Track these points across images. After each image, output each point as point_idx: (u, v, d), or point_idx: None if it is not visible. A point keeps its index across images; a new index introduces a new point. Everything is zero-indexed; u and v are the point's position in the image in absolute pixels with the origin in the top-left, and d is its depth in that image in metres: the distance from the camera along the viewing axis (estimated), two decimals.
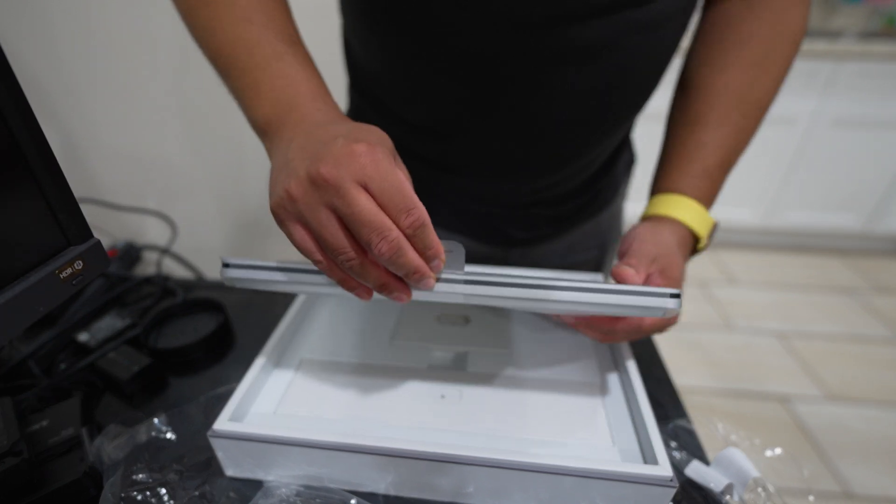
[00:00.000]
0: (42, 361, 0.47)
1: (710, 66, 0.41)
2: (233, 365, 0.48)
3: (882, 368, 1.45)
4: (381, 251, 0.24)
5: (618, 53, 0.37)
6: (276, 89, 0.30)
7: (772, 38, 0.38)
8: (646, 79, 0.41)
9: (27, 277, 0.28)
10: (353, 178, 0.23)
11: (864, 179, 1.90)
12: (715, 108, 0.40)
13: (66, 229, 0.31)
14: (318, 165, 0.24)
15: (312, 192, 0.24)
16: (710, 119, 0.39)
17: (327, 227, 0.24)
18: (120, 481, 0.32)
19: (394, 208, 0.24)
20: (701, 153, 0.39)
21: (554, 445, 0.33)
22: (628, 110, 0.44)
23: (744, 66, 0.39)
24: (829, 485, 1.11)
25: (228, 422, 0.32)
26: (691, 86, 0.42)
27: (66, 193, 0.32)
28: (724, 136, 0.39)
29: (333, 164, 0.23)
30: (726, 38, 0.40)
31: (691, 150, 0.40)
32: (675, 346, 1.55)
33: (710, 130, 0.39)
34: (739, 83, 0.39)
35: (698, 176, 0.39)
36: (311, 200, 0.24)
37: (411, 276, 0.26)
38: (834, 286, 1.86)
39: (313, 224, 0.25)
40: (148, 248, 0.70)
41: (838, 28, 2.14)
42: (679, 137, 0.42)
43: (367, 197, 0.24)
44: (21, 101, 0.27)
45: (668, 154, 0.43)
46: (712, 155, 0.39)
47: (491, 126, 0.41)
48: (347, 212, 0.23)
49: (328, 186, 0.23)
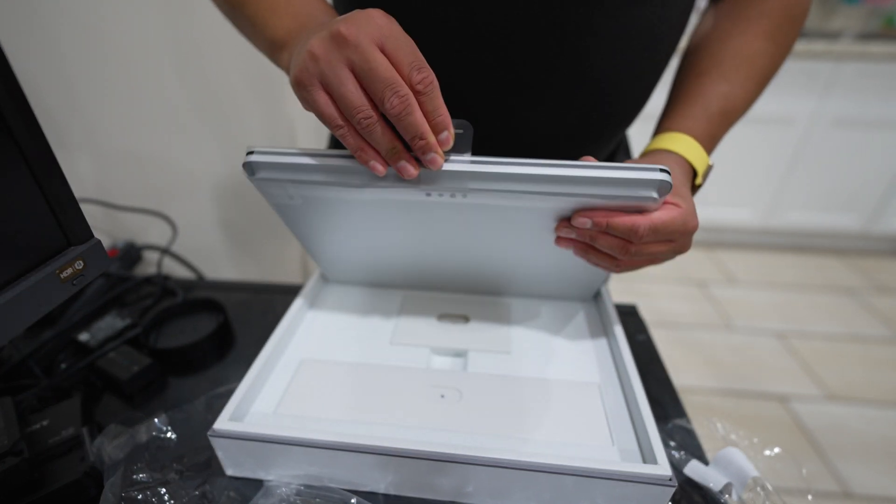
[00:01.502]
0: (42, 361, 0.47)
1: (722, 30, 0.42)
2: (233, 365, 0.48)
3: (881, 368, 1.45)
4: (393, 105, 0.25)
5: (606, 71, 0.38)
6: (295, 5, 0.33)
7: (781, 16, 0.40)
8: (633, 95, 0.42)
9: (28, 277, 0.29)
10: (370, 36, 0.25)
11: (863, 179, 1.90)
12: (720, 64, 0.41)
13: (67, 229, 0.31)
14: (338, 25, 0.25)
15: (333, 49, 0.25)
16: (714, 73, 0.41)
17: (346, 84, 0.26)
18: (120, 481, 0.33)
19: (406, 65, 0.25)
20: (702, 99, 0.40)
21: (553, 445, 0.33)
22: (613, 127, 0.44)
23: (753, 36, 0.40)
24: (828, 484, 1.11)
25: (229, 421, 0.32)
26: (699, 50, 0.43)
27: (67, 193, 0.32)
28: (728, 89, 0.40)
29: (353, 23, 0.25)
30: (737, 14, 0.41)
31: (693, 96, 0.41)
32: (675, 346, 1.55)
33: (715, 83, 0.40)
34: (748, 49, 0.40)
35: (697, 118, 0.40)
36: (332, 58, 0.26)
37: (417, 141, 0.27)
38: (833, 286, 1.87)
39: (333, 82, 0.26)
40: (148, 248, 0.70)
41: (838, 28, 2.14)
42: (682, 86, 0.42)
43: (382, 55, 0.25)
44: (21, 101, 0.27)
45: (670, 101, 0.43)
46: (714, 102, 0.40)
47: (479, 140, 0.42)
48: (365, 67, 0.25)
49: (347, 43, 0.25)
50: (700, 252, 2.10)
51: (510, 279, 0.47)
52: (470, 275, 0.47)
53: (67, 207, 0.32)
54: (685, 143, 0.39)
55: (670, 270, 1.92)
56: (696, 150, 0.39)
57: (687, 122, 0.40)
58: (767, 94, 0.42)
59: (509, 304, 0.49)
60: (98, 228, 0.74)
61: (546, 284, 0.48)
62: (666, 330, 1.62)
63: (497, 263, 0.44)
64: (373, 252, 0.44)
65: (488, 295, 0.51)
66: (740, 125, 0.50)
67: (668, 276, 1.89)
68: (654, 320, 1.62)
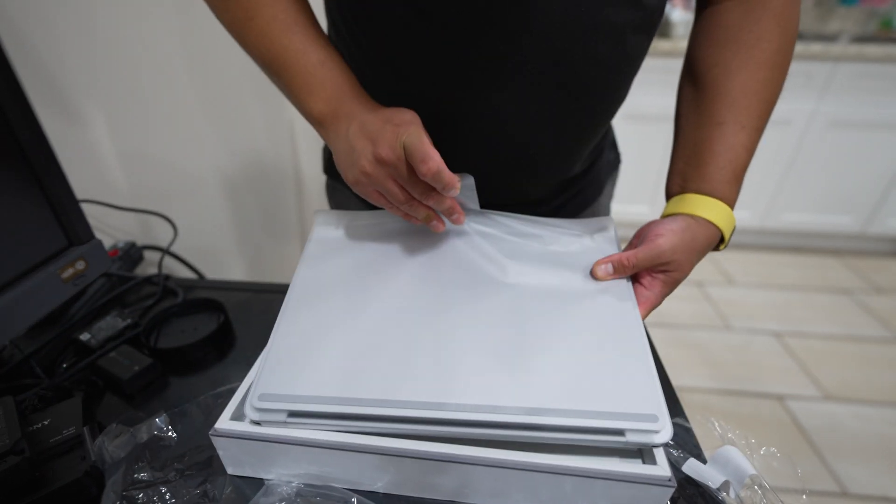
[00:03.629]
0: (44, 361, 0.47)
1: (724, 66, 0.42)
2: (233, 365, 0.48)
3: (878, 368, 1.46)
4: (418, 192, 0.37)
5: (583, 65, 0.39)
6: (328, 89, 0.39)
7: (778, 38, 0.41)
8: (611, 88, 0.43)
9: (29, 277, 0.29)
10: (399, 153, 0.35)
11: (860, 180, 1.91)
12: (735, 110, 0.42)
13: (68, 230, 0.32)
14: (378, 150, 0.35)
15: (379, 169, 0.36)
16: (733, 122, 0.42)
17: (392, 191, 0.37)
18: (122, 480, 0.33)
19: (416, 162, 0.34)
20: (730, 156, 0.42)
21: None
22: (595, 117, 0.45)
23: (756, 66, 0.41)
24: (825, 484, 1.11)
25: (230, 421, 0.33)
26: (704, 85, 0.44)
27: (68, 194, 0.32)
28: (747, 139, 0.42)
29: (388, 147, 0.35)
30: (734, 40, 0.42)
31: (718, 154, 0.42)
32: (673, 346, 1.56)
33: (736, 134, 0.42)
34: (755, 84, 0.41)
35: (730, 182, 0.42)
36: (380, 175, 0.36)
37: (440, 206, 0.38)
38: (831, 286, 1.87)
39: (383, 190, 0.38)
40: (149, 248, 0.70)
41: (834, 30, 2.15)
42: (703, 140, 0.43)
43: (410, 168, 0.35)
44: (22, 102, 0.27)
45: (693, 156, 0.44)
46: (740, 158, 0.42)
47: (459, 133, 0.43)
48: (402, 179, 0.36)
49: (387, 163, 0.35)
50: None
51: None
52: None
53: (68, 208, 0.32)
54: (721, 213, 0.41)
55: None
56: (728, 218, 0.42)
57: (722, 188, 0.42)
58: None
59: None
60: (99, 229, 0.74)
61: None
62: (664, 330, 1.63)
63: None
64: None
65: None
66: None
67: None
68: (653, 320, 1.62)
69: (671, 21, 1.91)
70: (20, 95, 0.29)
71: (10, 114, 0.28)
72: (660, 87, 1.34)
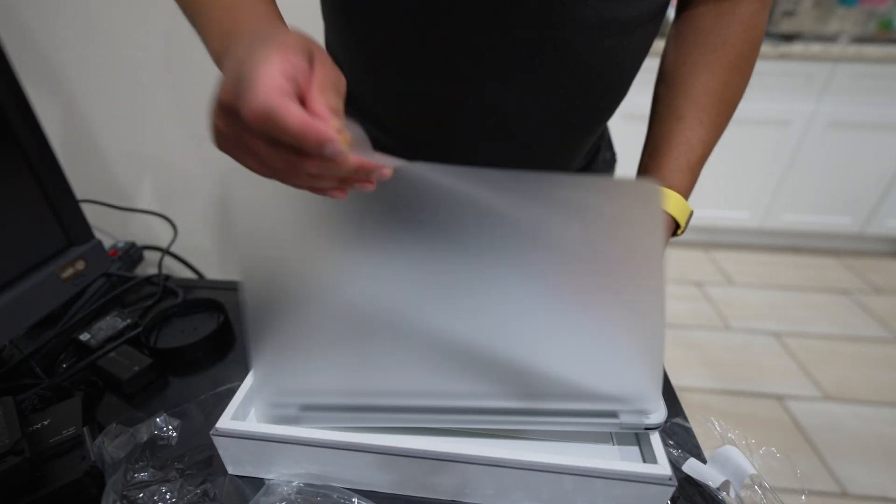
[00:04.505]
0: (43, 361, 0.47)
1: (690, 66, 0.44)
2: (233, 365, 0.48)
3: (877, 368, 1.46)
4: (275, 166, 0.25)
5: (587, 58, 0.39)
6: (224, 22, 0.30)
7: (742, 43, 0.43)
8: (614, 83, 0.44)
9: (29, 277, 0.29)
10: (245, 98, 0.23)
11: (859, 181, 1.91)
12: (695, 107, 0.44)
13: (68, 230, 0.32)
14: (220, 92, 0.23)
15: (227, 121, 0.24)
16: (692, 118, 0.43)
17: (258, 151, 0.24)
18: (122, 480, 0.33)
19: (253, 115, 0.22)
20: (684, 149, 0.43)
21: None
22: (598, 113, 0.46)
23: (720, 68, 0.43)
24: (825, 483, 1.11)
25: (231, 420, 0.33)
26: (671, 83, 0.46)
27: (68, 194, 0.32)
28: (704, 134, 0.43)
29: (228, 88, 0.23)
30: (703, 43, 0.44)
31: (675, 146, 0.44)
32: (673, 346, 1.56)
33: (693, 128, 0.43)
34: (716, 84, 0.43)
35: (682, 171, 0.43)
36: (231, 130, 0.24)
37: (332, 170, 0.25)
38: (830, 287, 1.88)
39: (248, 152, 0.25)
40: (149, 248, 0.70)
41: (834, 31, 2.16)
42: (663, 133, 0.45)
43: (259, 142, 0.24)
44: (22, 102, 0.27)
45: (654, 148, 0.46)
46: (694, 151, 0.43)
47: (462, 130, 0.43)
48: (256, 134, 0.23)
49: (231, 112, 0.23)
50: (697, 253, 2.11)
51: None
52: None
53: (68, 208, 0.32)
54: (673, 201, 0.42)
55: (668, 271, 1.92)
56: (682, 206, 0.42)
57: (674, 176, 0.43)
58: (764, 96, 0.43)
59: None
60: (99, 229, 0.74)
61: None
62: None
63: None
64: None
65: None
66: (737, 126, 0.51)
67: (666, 276, 1.90)
68: None
69: (671, 21, 1.91)
70: (20, 95, 0.28)
71: (9, 113, 0.28)
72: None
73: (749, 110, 1.62)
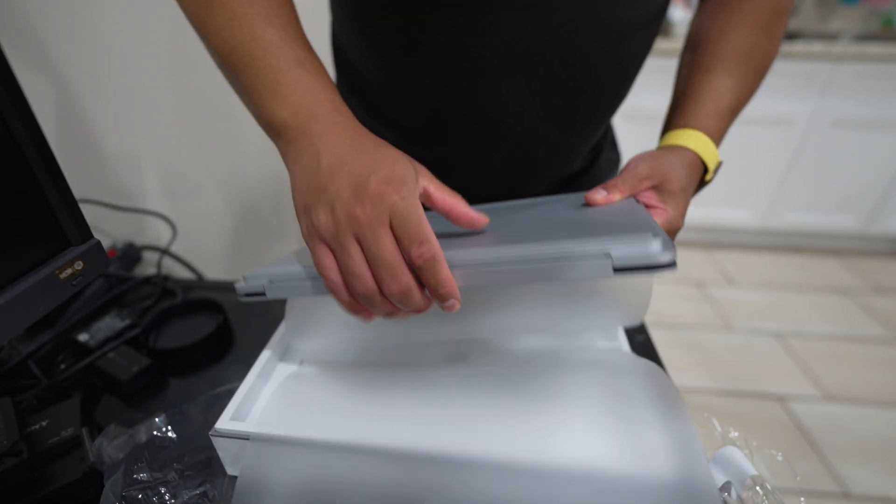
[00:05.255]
0: (42, 362, 0.47)
1: (718, 27, 0.44)
2: (232, 365, 0.48)
3: (879, 368, 1.46)
4: (391, 290, 0.26)
5: (585, 59, 0.39)
6: (297, 94, 0.30)
7: (772, 10, 0.43)
8: (614, 83, 0.43)
9: (27, 278, 0.29)
10: (383, 219, 0.25)
11: (861, 180, 1.91)
12: (724, 61, 0.42)
13: (67, 230, 0.31)
14: (356, 207, 0.25)
15: (346, 227, 0.26)
16: (720, 70, 0.42)
17: (353, 257, 0.26)
18: (120, 481, 0.33)
19: (407, 240, 0.25)
20: (712, 96, 0.42)
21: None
22: (597, 112, 0.46)
23: (748, 31, 0.43)
24: (827, 484, 1.11)
25: (230, 421, 0.33)
26: (698, 46, 0.45)
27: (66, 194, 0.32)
28: (733, 84, 0.42)
29: (370, 206, 0.25)
30: (730, 9, 0.43)
31: (702, 93, 0.42)
32: (674, 346, 1.55)
33: (721, 79, 0.42)
34: (746, 44, 0.43)
35: (709, 115, 0.41)
36: (344, 233, 0.26)
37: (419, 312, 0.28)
38: (832, 287, 1.87)
39: (339, 251, 0.27)
40: (148, 248, 0.70)
41: (836, 29, 2.15)
42: (689, 84, 0.44)
43: (391, 238, 0.25)
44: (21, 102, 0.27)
45: (680, 98, 0.45)
46: (723, 98, 0.42)
47: (461, 130, 0.43)
48: (373, 249, 0.25)
49: (361, 225, 0.25)
50: (699, 253, 2.11)
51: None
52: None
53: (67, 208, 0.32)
54: (698, 141, 0.40)
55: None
56: (709, 147, 0.40)
57: (700, 119, 0.41)
58: (766, 95, 0.43)
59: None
60: (98, 229, 0.74)
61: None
62: (665, 330, 1.62)
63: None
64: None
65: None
66: (739, 126, 0.51)
67: (666, 276, 1.89)
68: (654, 321, 1.62)
69: (671, 21, 1.91)
70: (19, 95, 0.28)
71: (7, 112, 0.28)
72: (660, 86, 1.33)
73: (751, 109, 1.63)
